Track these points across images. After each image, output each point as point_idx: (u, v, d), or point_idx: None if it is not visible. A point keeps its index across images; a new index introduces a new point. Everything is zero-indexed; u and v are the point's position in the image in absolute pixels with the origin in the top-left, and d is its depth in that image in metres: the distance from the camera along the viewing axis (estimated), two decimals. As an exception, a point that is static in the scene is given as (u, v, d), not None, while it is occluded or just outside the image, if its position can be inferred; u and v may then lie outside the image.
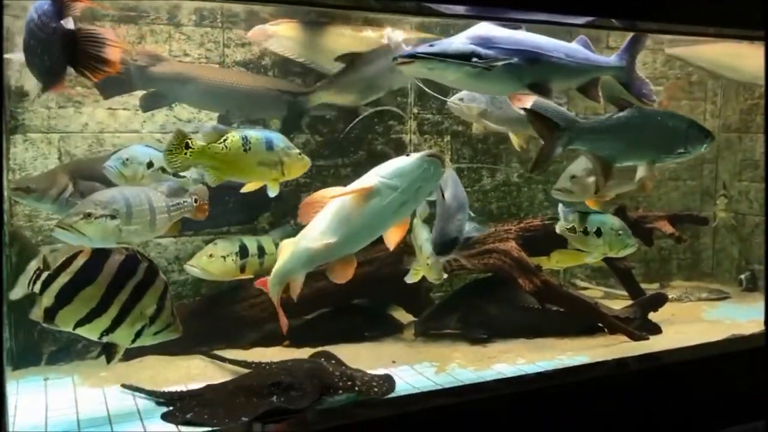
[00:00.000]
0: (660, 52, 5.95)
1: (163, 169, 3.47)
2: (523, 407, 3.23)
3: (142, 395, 3.39)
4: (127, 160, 3.39)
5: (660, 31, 4.61)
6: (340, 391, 3.23)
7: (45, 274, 2.86)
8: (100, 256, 2.93)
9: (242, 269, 4.14)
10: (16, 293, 2.89)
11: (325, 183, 5.02)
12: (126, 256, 2.97)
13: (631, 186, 4.35)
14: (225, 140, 3.23)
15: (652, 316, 4.57)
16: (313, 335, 4.24)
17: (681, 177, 6.09)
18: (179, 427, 3.03)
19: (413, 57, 3.13)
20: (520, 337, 4.35)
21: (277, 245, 4.16)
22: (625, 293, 5.05)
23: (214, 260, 4.05)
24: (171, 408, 3.19)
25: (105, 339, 2.97)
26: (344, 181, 4.92)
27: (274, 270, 3.23)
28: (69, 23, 2.74)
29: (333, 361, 3.67)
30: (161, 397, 3.33)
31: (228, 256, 4.08)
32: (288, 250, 3.17)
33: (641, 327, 4.41)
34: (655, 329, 4.45)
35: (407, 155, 3.01)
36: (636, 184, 4.28)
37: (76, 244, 2.99)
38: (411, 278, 3.65)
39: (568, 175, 4.20)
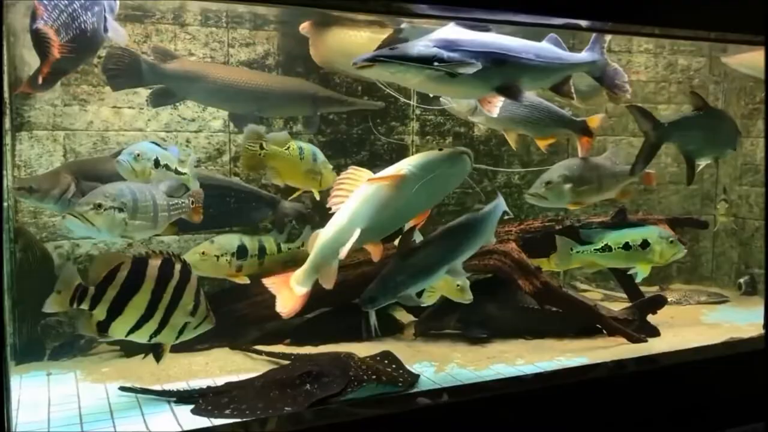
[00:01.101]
0: (661, 56, 5.98)
1: (167, 167, 3.52)
2: (522, 407, 3.25)
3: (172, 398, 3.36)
4: (138, 155, 3.41)
5: (662, 36, 4.63)
6: (365, 383, 3.29)
7: (92, 290, 2.90)
8: (139, 264, 2.99)
9: (239, 269, 4.12)
10: (52, 308, 2.92)
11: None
12: (162, 260, 3.04)
13: (612, 194, 4.39)
14: (288, 147, 3.78)
15: (652, 319, 4.59)
16: (314, 334, 4.27)
17: (681, 181, 6.10)
18: (212, 420, 3.07)
19: (374, 60, 3.00)
20: (519, 338, 4.38)
21: (278, 245, 4.21)
22: (624, 295, 5.07)
23: (205, 258, 4.01)
24: (201, 404, 3.22)
25: (153, 340, 3.07)
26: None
27: (308, 262, 3.19)
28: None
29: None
30: (177, 395, 3.35)
31: (222, 255, 4.05)
32: (319, 241, 3.17)
33: (640, 329, 4.43)
34: (654, 331, 4.47)
35: (439, 150, 3.20)
36: (615, 193, 4.35)
37: (83, 234, 3.13)
38: (425, 299, 3.71)
39: (542, 181, 4.18)
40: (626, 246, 4.13)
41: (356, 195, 3.10)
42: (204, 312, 3.15)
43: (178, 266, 3.05)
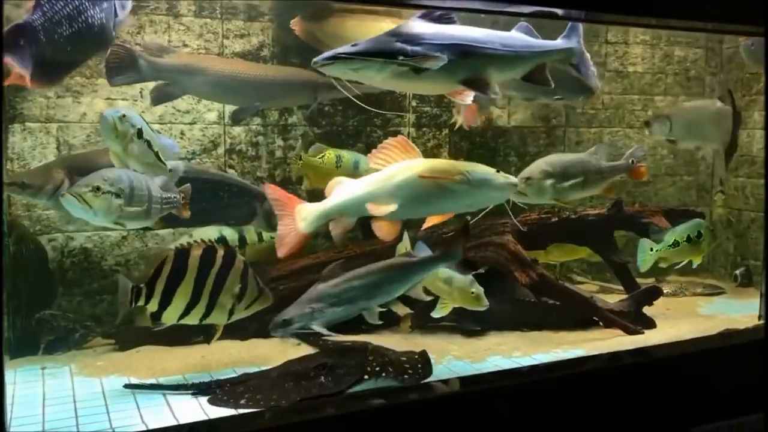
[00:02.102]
0: (658, 47, 5.97)
1: (149, 145, 3.44)
2: (518, 399, 3.25)
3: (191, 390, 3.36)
4: (124, 116, 3.32)
5: (659, 27, 4.62)
6: (381, 374, 3.31)
7: (144, 288, 3.23)
8: (181, 256, 3.27)
9: None
10: (119, 318, 3.44)
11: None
12: (203, 250, 3.30)
13: (597, 190, 4.38)
14: (323, 156, 4.25)
15: (648, 310, 4.60)
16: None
17: (677, 172, 6.11)
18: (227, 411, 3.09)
19: (335, 58, 2.95)
20: (515, 330, 4.38)
21: (259, 235, 4.15)
22: (620, 287, 5.07)
23: None
24: (218, 395, 3.23)
25: (204, 322, 3.36)
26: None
27: (324, 203, 3.20)
28: None
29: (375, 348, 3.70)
30: (193, 389, 3.36)
31: None
32: (347, 190, 3.19)
33: (635, 321, 4.43)
34: (650, 323, 4.47)
35: (497, 171, 3.29)
36: (600, 189, 4.37)
37: (79, 215, 3.15)
38: (438, 312, 3.72)
39: (522, 177, 4.11)
40: (688, 238, 4.60)
41: (404, 171, 3.16)
42: (254, 292, 3.40)
43: (220, 253, 3.31)
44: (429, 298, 3.72)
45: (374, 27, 4.22)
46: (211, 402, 3.19)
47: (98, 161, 3.71)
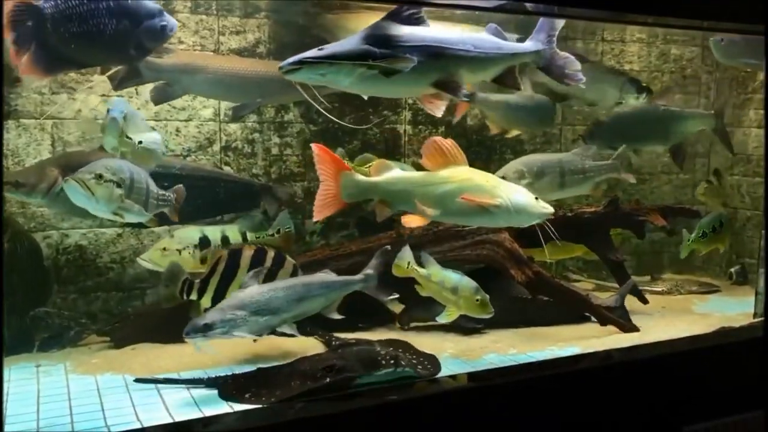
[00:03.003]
0: (654, 45, 5.97)
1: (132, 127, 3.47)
2: (515, 397, 3.25)
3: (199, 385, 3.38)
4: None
5: (657, 25, 4.62)
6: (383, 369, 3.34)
7: (198, 283, 3.52)
8: (234, 256, 3.58)
9: (203, 260, 4.00)
10: (164, 301, 3.63)
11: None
12: (254, 251, 3.61)
13: (582, 190, 4.36)
14: (369, 166, 4.03)
15: (645, 309, 4.61)
16: (306, 324, 4.25)
17: (673, 170, 6.11)
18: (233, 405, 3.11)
19: (301, 63, 2.91)
20: (511, 328, 4.37)
21: (243, 234, 4.12)
22: (616, 286, 5.07)
23: (168, 254, 3.92)
24: (226, 389, 3.26)
25: None
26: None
27: (370, 181, 3.27)
28: None
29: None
30: (209, 382, 3.38)
31: (184, 248, 3.97)
32: (395, 178, 3.27)
33: (622, 316, 4.42)
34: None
35: (536, 198, 3.33)
36: (586, 189, 4.39)
37: (80, 202, 3.17)
38: (444, 319, 3.71)
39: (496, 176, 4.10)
40: (713, 229, 5.00)
41: (449, 182, 3.21)
42: None
43: (271, 254, 3.57)
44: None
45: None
46: (221, 396, 3.22)
47: (92, 159, 3.69)
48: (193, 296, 3.49)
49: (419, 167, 3.45)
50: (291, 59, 2.95)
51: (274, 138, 4.88)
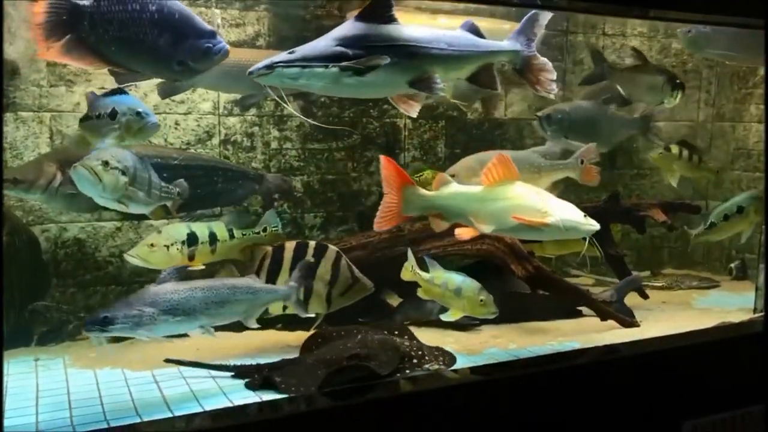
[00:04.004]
0: (655, 39, 5.95)
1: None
2: (515, 392, 3.25)
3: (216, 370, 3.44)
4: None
5: (657, 18, 4.60)
6: (415, 362, 3.39)
7: None
8: (278, 252, 3.79)
9: (191, 257, 3.95)
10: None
11: (318, 167, 5.01)
12: (296, 244, 3.78)
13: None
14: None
15: (644, 304, 4.60)
16: (305, 319, 4.24)
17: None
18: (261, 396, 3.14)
19: (271, 67, 2.88)
20: (511, 323, 4.37)
21: (230, 231, 4.09)
22: (617, 281, 5.07)
23: (155, 250, 3.84)
24: (254, 379, 3.29)
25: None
26: (337, 164, 4.98)
27: (431, 196, 3.34)
28: None
29: (406, 336, 3.73)
30: (234, 370, 3.40)
31: (172, 245, 3.88)
32: (453, 193, 3.35)
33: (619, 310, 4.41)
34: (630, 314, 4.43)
35: (585, 215, 3.37)
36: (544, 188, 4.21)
37: (86, 189, 3.17)
38: (450, 317, 3.72)
39: (447, 173, 3.91)
40: (725, 217, 5.00)
41: (502, 198, 3.26)
42: (347, 280, 3.69)
43: (312, 245, 3.70)
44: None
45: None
46: (248, 386, 3.25)
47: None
48: None
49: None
50: (262, 63, 2.91)
51: (273, 131, 4.86)
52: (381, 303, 4.60)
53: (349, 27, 3.03)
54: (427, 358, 3.45)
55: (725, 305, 4.93)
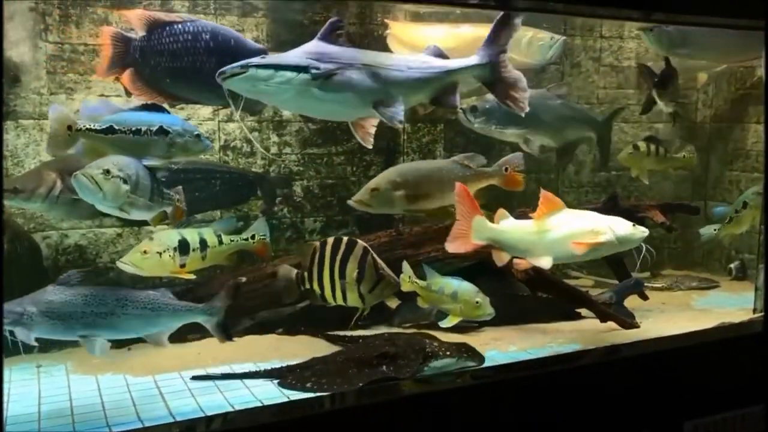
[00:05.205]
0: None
1: None
2: (516, 394, 3.25)
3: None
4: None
5: (658, 21, 4.61)
6: (441, 358, 3.46)
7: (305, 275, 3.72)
8: (322, 247, 3.69)
9: (183, 264, 3.91)
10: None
11: (317, 171, 5.03)
12: (334, 239, 3.71)
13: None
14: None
15: (644, 305, 4.60)
16: (306, 323, 4.25)
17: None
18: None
19: (245, 67, 2.87)
20: (510, 324, 4.37)
21: (219, 237, 4.10)
22: (616, 282, 5.08)
23: (148, 257, 3.79)
24: (287, 379, 3.39)
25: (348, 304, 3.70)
26: (336, 169, 5.00)
27: (494, 229, 3.48)
28: None
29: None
30: (269, 374, 3.47)
31: (164, 251, 3.84)
32: (512, 228, 3.49)
33: (618, 311, 4.41)
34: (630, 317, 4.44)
35: (633, 225, 3.49)
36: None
37: (88, 198, 3.13)
38: (448, 323, 3.74)
39: (369, 187, 3.96)
40: (737, 211, 5.05)
41: (557, 229, 3.41)
42: (372, 277, 3.62)
43: (344, 240, 3.67)
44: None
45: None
46: (281, 385, 3.34)
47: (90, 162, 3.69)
48: (307, 286, 3.71)
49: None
50: (236, 64, 2.89)
51: (273, 137, 4.88)
52: (379, 306, 4.60)
53: (316, 45, 3.08)
54: (456, 356, 3.53)
55: (725, 306, 4.94)
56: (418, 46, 4.16)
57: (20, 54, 4.13)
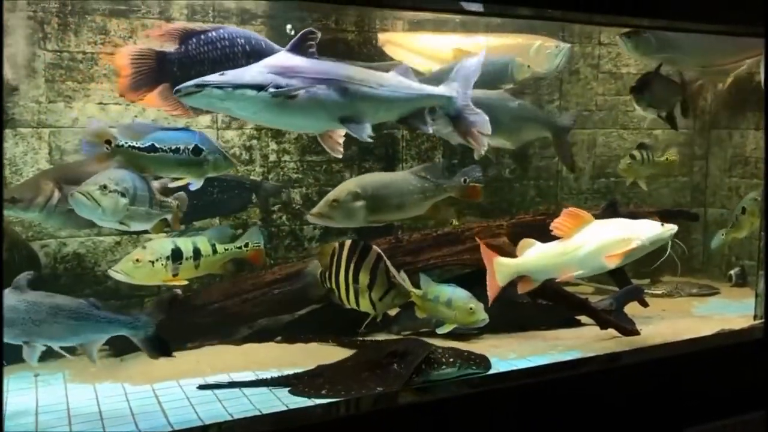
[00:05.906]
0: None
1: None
2: (516, 401, 3.24)
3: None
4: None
5: (658, 28, 4.62)
6: (444, 366, 3.47)
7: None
8: (340, 249, 3.68)
9: (176, 273, 3.91)
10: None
11: (316, 178, 5.03)
12: (351, 242, 3.70)
13: (420, 211, 4.11)
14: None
15: (644, 311, 4.60)
16: (304, 331, 4.24)
17: (671, 173, 6.11)
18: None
19: (201, 86, 2.78)
20: (510, 332, 4.36)
21: (213, 246, 4.08)
22: (616, 289, 5.07)
23: (140, 265, 3.81)
24: (298, 386, 3.40)
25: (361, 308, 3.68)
26: (335, 176, 4.99)
27: (519, 261, 3.59)
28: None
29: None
30: (277, 382, 3.48)
31: (157, 260, 3.85)
32: (538, 253, 3.58)
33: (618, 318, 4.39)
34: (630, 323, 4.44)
35: (661, 225, 3.56)
36: (424, 210, 4.13)
37: (86, 215, 3.14)
38: (444, 330, 3.78)
39: (328, 199, 3.88)
40: (743, 211, 5.18)
41: (588, 242, 3.48)
42: (383, 284, 3.59)
43: (360, 245, 3.67)
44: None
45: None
46: (292, 393, 3.34)
47: (87, 170, 3.68)
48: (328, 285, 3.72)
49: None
50: (191, 82, 2.83)
51: (271, 144, 4.88)
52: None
53: (282, 57, 3.00)
54: (459, 363, 3.53)
55: (725, 312, 4.93)
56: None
57: (18, 62, 4.14)
